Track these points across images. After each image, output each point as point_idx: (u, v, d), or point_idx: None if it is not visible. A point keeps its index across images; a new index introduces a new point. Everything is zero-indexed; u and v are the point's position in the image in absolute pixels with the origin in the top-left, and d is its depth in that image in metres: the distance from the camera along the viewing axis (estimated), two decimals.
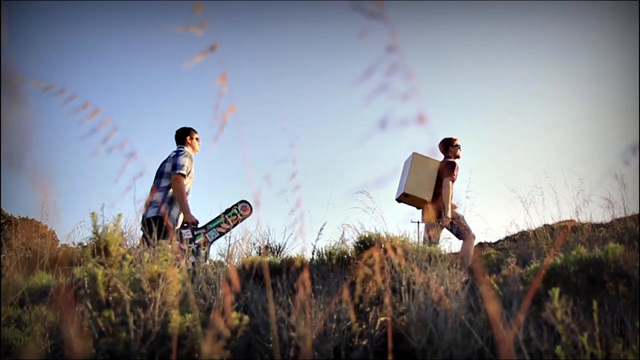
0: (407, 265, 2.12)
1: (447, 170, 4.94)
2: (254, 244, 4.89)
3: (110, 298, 1.68)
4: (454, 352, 1.71)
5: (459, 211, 5.02)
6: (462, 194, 5.61)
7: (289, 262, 2.76)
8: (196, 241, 4.05)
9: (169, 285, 1.72)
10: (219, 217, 4.23)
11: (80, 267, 1.82)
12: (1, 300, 2.89)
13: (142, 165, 1.06)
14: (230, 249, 4.12)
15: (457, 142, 5.18)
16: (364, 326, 1.92)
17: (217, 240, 4.16)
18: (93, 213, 1.99)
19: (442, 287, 1.99)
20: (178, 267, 1.97)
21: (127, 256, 1.84)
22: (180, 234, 4.00)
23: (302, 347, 1.62)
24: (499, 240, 7.73)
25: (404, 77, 0.71)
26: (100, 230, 1.94)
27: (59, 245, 6.60)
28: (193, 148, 4.42)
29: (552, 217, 5.39)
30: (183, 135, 4.40)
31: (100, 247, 1.87)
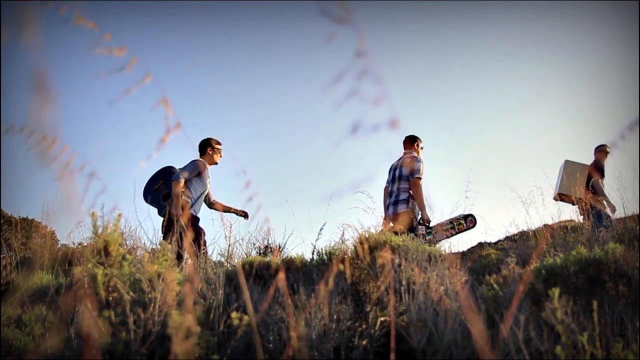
0: (407, 265, 2.12)
1: (595, 171, 5.92)
2: (254, 244, 4.88)
3: (110, 298, 1.68)
4: (454, 352, 1.71)
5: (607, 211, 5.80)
6: (461, 194, 5.64)
7: (289, 262, 2.76)
8: (427, 237, 4.52)
9: (169, 285, 1.72)
10: (449, 222, 4.68)
11: (80, 267, 1.82)
12: (1, 300, 2.89)
13: (102, 183, 1.14)
14: (230, 249, 4.11)
15: (604, 147, 6.14)
16: (364, 326, 1.92)
17: (218, 240, 4.24)
18: (93, 213, 1.99)
19: (442, 287, 1.99)
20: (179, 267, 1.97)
21: (127, 256, 1.84)
22: (419, 228, 4.54)
23: (298, 346, 1.62)
24: (499, 240, 7.72)
25: (374, 81, 0.70)
26: (100, 230, 1.94)
27: (59, 245, 6.59)
28: (418, 153, 5.11)
29: (552, 217, 5.39)
30: (412, 142, 5.13)
31: (100, 247, 1.87)
